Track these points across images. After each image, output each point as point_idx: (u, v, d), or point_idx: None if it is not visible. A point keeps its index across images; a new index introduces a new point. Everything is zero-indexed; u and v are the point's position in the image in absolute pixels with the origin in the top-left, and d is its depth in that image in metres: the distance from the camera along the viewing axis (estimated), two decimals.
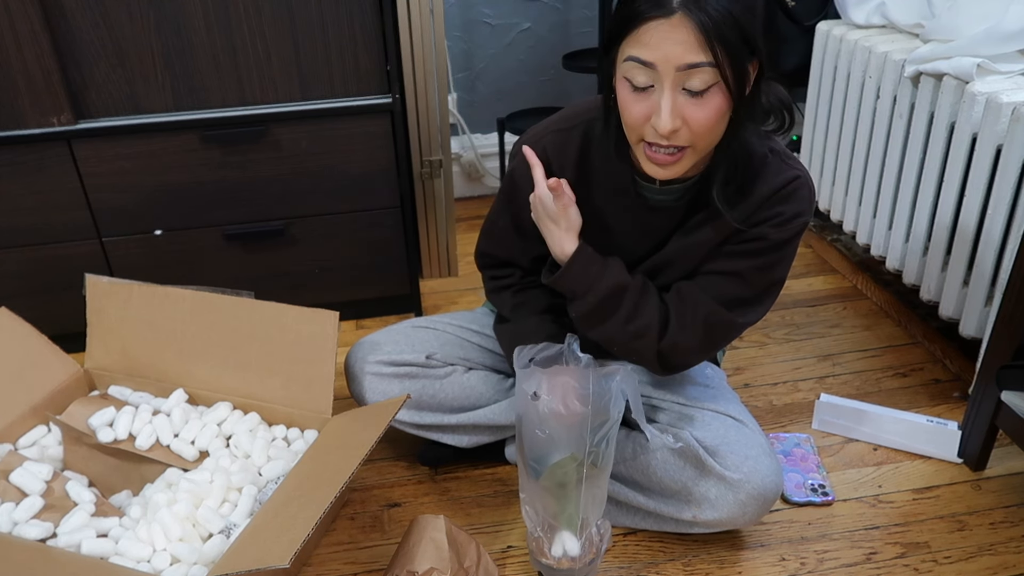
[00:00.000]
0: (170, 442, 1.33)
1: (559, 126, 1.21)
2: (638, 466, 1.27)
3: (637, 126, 1.03)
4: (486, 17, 2.21)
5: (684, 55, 0.95)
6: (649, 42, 0.96)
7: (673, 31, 0.94)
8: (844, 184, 1.97)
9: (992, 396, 1.34)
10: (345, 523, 1.38)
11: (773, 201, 1.13)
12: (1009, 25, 1.49)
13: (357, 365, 1.37)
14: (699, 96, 0.98)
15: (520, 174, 1.22)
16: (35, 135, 1.55)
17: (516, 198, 1.24)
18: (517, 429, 1.13)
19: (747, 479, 1.18)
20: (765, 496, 1.19)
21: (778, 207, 1.13)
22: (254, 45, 1.56)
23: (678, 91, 0.98)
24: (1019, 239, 1.30)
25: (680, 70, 0.96)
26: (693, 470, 1.22)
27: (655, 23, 0.95)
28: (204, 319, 1.41)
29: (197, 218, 1.70)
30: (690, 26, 0.94)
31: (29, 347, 1.43)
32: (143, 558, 1.15)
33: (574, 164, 1.19)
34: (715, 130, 1.03)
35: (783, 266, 1.18)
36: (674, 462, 1.24)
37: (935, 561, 1.27)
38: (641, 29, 0.96)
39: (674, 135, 1.01)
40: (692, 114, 0.99)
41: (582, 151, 1.18)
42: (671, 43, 0.95)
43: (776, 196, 1.13)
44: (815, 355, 1.75)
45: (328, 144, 1.67)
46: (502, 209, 1.28)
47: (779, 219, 1.13)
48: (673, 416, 1.30)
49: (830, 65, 1.94)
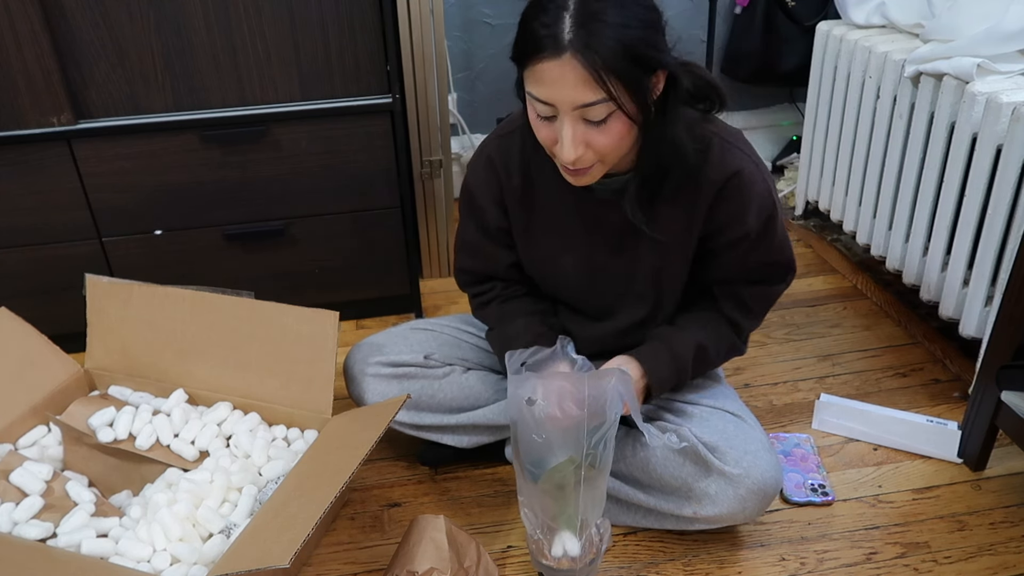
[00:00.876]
0: (170, 442, 1.33)
1: (501, 132, 1.24)
2: (638, 463, 1.27)
3: (547, 147, 1.06)
4: (486, 17, 2.21)
5: (577, 97, 0.96)
6: (543, 80, 0.97)
7: (565, 72, 0.95)
8: (844, 184, 1.97)
9: (992, 396, 1.34)
10: (345, 523, 1.38)
11: (728, 194, 1.13)
12: (1009, 25, 1.49)
13: (356, 367, 1.37)
14: (600, 124, 0.99)
15: (474, 183, 1.26)
16: (35, 135, 1.55)
17: (475, 206, 1.27)
18: (512, 434, 1.13)
19: (747, 474, 1.19)
20: (765, 491, 1.19)
21: (736, 203, 1.13)
22: (254, 45, 1.56)
23: (578, 122, 1.00)
24: (1019, 239, 1.30)
25: (577, 108, 0.98)
26: (693, 466, 1.22)
27: (547, 63, 0.96)
28: (204, 319, 1.41)
29: (197, 218, 1.70)
30: (580, 67, 0.94)
31: (29, 347, 1.43)
32: (143, 558, 1.15)
33: (519, 167, 1.21)
34: (621, 147, 1.04)
35: (779, 230, 1.20)
36: (674, 459, 1.24)
37: (935, 561, 1.27)
38: (537, 67, 0.97)
39: (579, 160, 1.03)
40: (595, 139, 1.01)
41: (524, 154, 1.20)
42: (564, 85, 0.96)
43: (727, 189, 1.13)
44: (815, 355, 1.75)
45: (328, 144, 1.67)
46: (466, 221, 1.31)
47: (745, 213, 1.14)
48: (672, 413, 1.30)
49: (830, 65, 1.94)
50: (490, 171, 1.23)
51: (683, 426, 1.25)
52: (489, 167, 1.23)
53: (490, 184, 1.24)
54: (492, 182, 1.24)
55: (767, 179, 1.15)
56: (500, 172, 1.22)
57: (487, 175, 1.24)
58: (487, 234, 1.29)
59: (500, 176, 1.23)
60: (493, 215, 1.26)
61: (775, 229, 1.18)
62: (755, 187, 1.13)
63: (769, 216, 1.16)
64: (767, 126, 2.53)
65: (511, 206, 1.24)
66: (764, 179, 1.15)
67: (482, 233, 1.29)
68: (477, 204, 1.26)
